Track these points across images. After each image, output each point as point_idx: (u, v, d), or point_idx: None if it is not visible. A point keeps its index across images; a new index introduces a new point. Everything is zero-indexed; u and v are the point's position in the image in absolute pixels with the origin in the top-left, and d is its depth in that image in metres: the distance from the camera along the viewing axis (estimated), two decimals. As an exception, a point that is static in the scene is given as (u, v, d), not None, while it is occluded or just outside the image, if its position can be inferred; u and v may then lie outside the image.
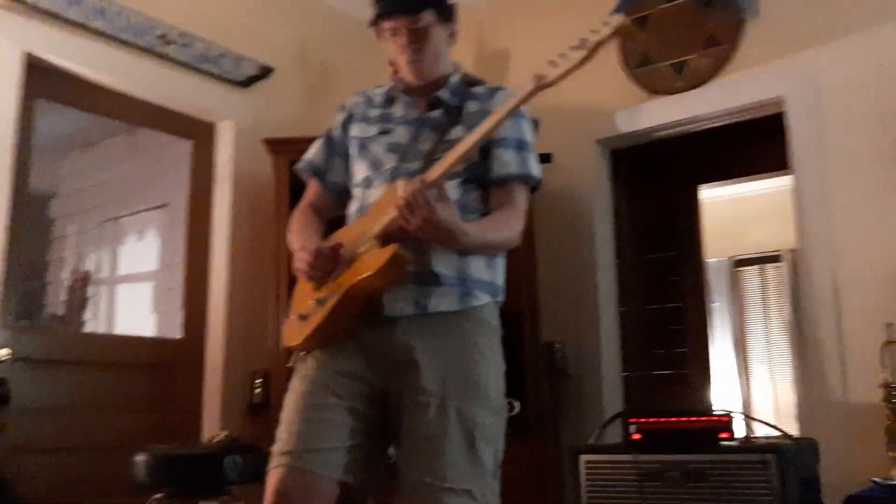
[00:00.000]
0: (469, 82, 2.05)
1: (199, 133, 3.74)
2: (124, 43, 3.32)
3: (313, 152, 2.14)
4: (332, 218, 2.13)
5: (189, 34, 3.53)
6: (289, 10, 4.10)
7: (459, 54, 2.13)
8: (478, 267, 1.88)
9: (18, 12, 2.99)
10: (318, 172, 2.11)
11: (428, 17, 1.93)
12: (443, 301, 1.81)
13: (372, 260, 1.76)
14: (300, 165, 2.15)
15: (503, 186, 1.93)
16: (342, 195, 2.10)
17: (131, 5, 3.32)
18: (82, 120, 4.35)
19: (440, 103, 1.99)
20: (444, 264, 1.82)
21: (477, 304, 1.85)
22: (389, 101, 2.07)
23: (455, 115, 1.96)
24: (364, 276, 1.75)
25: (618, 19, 1.57)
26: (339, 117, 2.13)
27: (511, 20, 4.14)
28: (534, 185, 1.99)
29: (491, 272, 1.92)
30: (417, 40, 1.94)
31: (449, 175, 1.83)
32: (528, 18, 4.07)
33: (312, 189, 2.14)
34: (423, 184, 1.68)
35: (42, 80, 3.13)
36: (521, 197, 1.95)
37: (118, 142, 4.95)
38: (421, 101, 2.01)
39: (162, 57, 3.45)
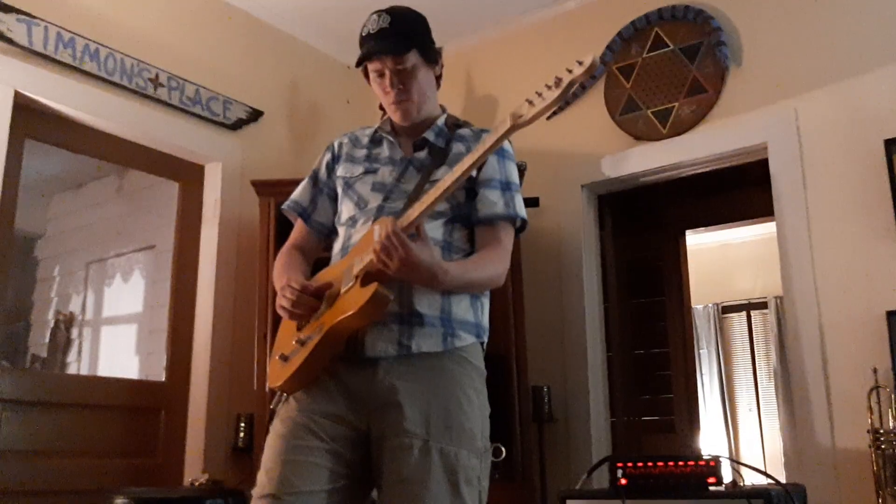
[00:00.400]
0: (455, 125, 2.06)
1: (188, 175, 3.74)
2: (115, 85, 3.33)
3: (299, 192, 2.15)
4: (317, 258, 2.14)
5: (179, 77, 3.56)
6: (278, 54, 4.15)
7: (449, 98, 2.16)
8: (461, 307, 1.87)
9: (9, 53, 3.01)
10: (304, 212, 2.12)
11: (413, 58, 1.95)
12: (426, 342, 1.80)
13: (353, 299, 1.75)
14: (286, 205, 2.15)
15: (489, 226, 1.94)
16: (328, 236, 2.11)
17: (123, 48, 3.36)
18: (71, 161, 4.36)
19: (426, 144, 2.00)
20: (427, 304, 1.82)
21: (461, 344, 1.84)
22: (376, 141, 2.08)
23: (440, 156, 1.97)
24: (346, 315, 1.75)
25: (590, 58, 1.58)
26: (326, 157, 2.14)
27: (500, 65, 4.20)
28: (520, 226, 2.00)
29: (475, 312, 1.91)
30: (403, 81, 1.96)
31: (434, 215, 1.85)
32: (517, 64, 4.12)
33: (298, 229, 2.14)
34: (395, 226, 1.67)
35: (31, 120, 3.14)
36: (506, 237, 1.95)
37: (106, 183, 4.96)
38: (407, 143, 2.03)
39: (152, 99, 3.47)
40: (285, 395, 1.90)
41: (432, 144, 2.00)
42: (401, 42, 1.94)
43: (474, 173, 1.89)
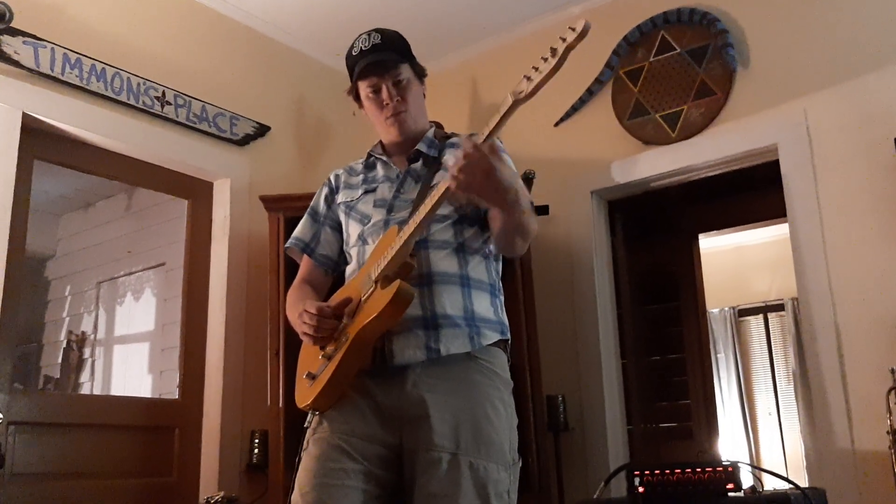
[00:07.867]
0: (445, 136, 2.10)
1: (196, 192, 3.75)
2: (122, 104, 3.34)
3: (299, 230, 2.18)
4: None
5: (186, 94, 3.57)
6: (284, 69, 4.16)
7: (455, 108, 2.16)
8: (482, 306, 1.89)
9: (17, 76, 3.02)
10: (307, 247, 2.15)
11: (407, 71, 2.03)
12: (453, 343, 1.81)
13: (375, 302, 1.77)
14: (288, 244, 2.19)
15: None
16: (334, 267, 2.14)
17: (129, 67, 3.37)
18: (80, 181, 4.38)
19: (420, 156, 2.05)
20: (449, 305, 1.83)
21: (487, 342, 1.86)
22: (369, 166, 2.14)
23: (435, 165, 2.01)
24: (370, 318, 1.75)
25: (582, 23, 1.53)
26: (324, 191, 2.18)
27: (505, 73, 4.14)
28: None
29: (495, 310, 1.93)
30: (400, 92, 2.02)
31: (438, 218, 1.88)
32: (522, 71, 4.09)
33: (304, 265, 2.17)
34: (475, 142, 1.65)
35: (40, 141, 3.15)
36: None
37: (115, 202, 4.98)
38: (400, 159, 2.07)
39: (159, 117, 3.47)
40: (318, 414, 1.90)
41: (426, 155, 2.04)
42: (395, 55, 2.02)
43: None
